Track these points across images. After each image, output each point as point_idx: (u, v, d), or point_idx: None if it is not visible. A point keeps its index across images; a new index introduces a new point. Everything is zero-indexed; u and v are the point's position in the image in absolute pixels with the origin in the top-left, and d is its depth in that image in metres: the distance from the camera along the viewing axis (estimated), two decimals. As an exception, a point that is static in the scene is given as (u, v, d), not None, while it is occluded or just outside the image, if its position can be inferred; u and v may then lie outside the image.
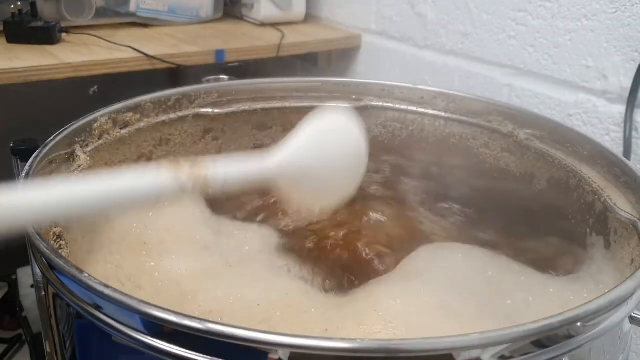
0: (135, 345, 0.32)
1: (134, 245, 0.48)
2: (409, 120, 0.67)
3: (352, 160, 0.44)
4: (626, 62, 0.65)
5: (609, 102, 0.68)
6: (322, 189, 0.43)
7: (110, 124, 0.56)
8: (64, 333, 0.38)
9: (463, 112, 0.64)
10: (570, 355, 0.32)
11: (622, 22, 0.65)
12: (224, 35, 1.01)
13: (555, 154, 0.56)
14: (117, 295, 0.31)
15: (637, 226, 0.44)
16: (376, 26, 1.02)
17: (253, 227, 0.57)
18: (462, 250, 0.52)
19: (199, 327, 0.29)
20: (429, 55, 0.92)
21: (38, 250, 0.36)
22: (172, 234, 0.50)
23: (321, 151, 0.42)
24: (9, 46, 0.86)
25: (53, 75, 0.78)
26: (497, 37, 0.80)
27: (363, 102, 0.68)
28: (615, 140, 0.67)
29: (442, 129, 0.66)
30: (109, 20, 1.02)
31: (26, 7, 0.89)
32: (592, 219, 0.51)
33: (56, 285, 0.36)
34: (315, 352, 0.29)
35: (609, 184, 0.50)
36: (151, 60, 0.85)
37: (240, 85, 0.66)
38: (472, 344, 0.30)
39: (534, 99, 0.76)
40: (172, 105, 0.62)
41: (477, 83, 0.84)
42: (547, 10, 0.73)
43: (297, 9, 1.12)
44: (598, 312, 0.32)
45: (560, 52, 0.72)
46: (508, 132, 0.60)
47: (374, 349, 0.29)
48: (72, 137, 0.51)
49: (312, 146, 0.42)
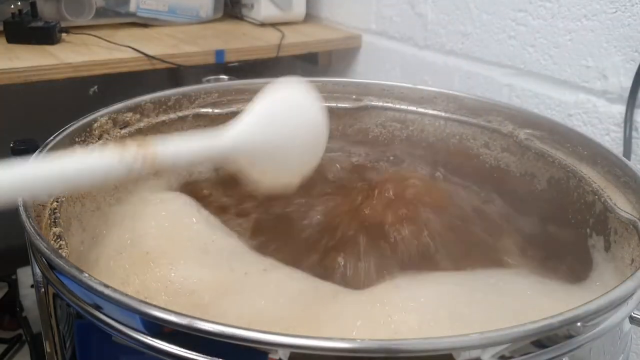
0: (135, 345, 0.32)
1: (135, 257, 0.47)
2: (409, 120, 0.67)
3: (311, 133, 0.42)
4: (626, 62, 0.65)
5: (609, 102, 0.68)
6: (282, 164, 0.41)
7: (110, 124, 0.56)
8: (64, 333, 0.38)
9: (463, 112, 0.64)
10: (570, 355, 0.32)
11: (622, 22, 0.65)
12: (224, 35, 1.01)
13: (555, 154, 0.56)
14: (117, 295, 0.31)
15: (637, 226, 0.44)
16: (376, 26, 1.02)
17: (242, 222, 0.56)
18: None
19: (199, 327, 0.29)
20: (429, 55, 0.92)
21: (38, 250, 0.36)
22: (171, 240, 0.49)
23: (277, 125, 0.40)
24: (9, 46, 0.86)
25: (53, 76, 0.78)
26: (497, 37, 0.80)
27: (363, 102, 0.68)
28: (615, 140, 0.67)
29: (442, 129, 0.66)
30: (109, 20, 1.02)
31: (26, 7, 0.89)
32: (592, 219, 0.51)
33: (56, 285, 0.36)
34: (315, 352, 0.29)
35: (609, 184, 0.50)
36: (151, 60, 0.85)
37: (240, 86, 0.66)
38: (472, 344, 0.30)
39: (534, 99, 0.76)
40: (172, 105, 0.62)
41: (477, 83, 0.84)
42: (547, 10, 0.73)
43: (297, 9, 1.12)
44: (598, 312, 0.32)
45: (560, 52, 0.72)
46: (508, 132, 0.60)
47: (374, 349, 0.29)
48: (72, 137, 0.51)
49: (266, 121, 0.40)
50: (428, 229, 0.52)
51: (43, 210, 0.45)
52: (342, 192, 0.60)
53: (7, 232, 1.25)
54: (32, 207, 0.42)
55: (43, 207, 0.45)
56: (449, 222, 0.54)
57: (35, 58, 0.80)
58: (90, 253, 0.48)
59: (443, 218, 0.54)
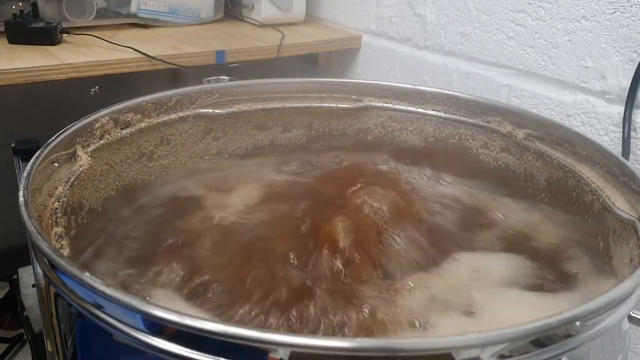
0: (136, 344, 0.32)
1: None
2: (409, 120, 0.67)
3: None
4: (625, 62, 0.65)
5: (608, 102, 0.68)
6: None
7: (112, 124, 0.56)
8: (65, 332, 0.38)
9: (462, 113, 0.65)
10: (569, 355, 0.32)
11: (621, 23, 0.65)
12: (224, 36, 1.01)
13: (554, 154, 0.56)
14: (118, 295, 0.32)
15: (636, 226, 0.44)
16: (376, 27, 1.02)
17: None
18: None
19: (200, 327, 0.30)
20: (428, 56, 0.92)
21: (39, 250, 0.36)
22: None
23: None
24: (11, 47, 0.86)
25: (54, 76, 0.78)
26: (496, 37, 0.80)
27: (363, 102, 0.68)
28: (614, 141, 0.67)
29: (442, 129, 0.66)
30: (110, 21, 1.02)
31: (27, 7, 0.90)
32: (590, 219, 0.51)
33: (57, 284, 0.36)
34: (315, 351, 0.29)
35: (607, 184, 0.51)
36: (152, 60, 0.85)
37: (241, 86, 0.66)
38: (471, 343, 0.30)
39: (533, 99, 0.76)
40: (173, 105, 0.62)
41: (476, 83, 0.84)
42: (546, 11, 0.73)
43: (297, 9, 1.12)
44: (597, 312, 0.32)
45: (559, 52, 0.72)
46: (507, 132, 0.61)
47: (374, 348, 0.29)
48: (74, 137, 0.52)
49: None
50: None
51: (44, 210, 0.45)
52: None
53: (8, 232, 1.25)
54: (34, 207, 0.42)
55: (44, 207, 0.45)
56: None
57: (36, 58, 0.80)
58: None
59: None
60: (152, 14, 1.04)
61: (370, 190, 0.54)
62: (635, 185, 0.47)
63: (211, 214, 0.57)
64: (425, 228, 0.53)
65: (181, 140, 0.63)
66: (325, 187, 0.59)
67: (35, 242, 0.36)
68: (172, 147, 0.63)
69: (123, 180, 0.58)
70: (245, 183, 0.62)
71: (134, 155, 0.59)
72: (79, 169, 0.50)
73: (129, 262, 0.49)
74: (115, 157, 0.57)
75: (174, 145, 0.63)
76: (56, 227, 0.44)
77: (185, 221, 0.55)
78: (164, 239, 0.52)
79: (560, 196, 0.56)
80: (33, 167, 0.45)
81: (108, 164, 0.56)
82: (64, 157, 0.50)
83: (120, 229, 0.54)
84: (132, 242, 0.52)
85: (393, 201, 0.54)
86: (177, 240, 0.52)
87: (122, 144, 0.57)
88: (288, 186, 0.62)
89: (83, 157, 0.51)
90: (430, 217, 0.56)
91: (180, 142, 0.63)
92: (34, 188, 0.44)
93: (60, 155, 0.50)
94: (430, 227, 0.54)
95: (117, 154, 0.57)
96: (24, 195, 0.41)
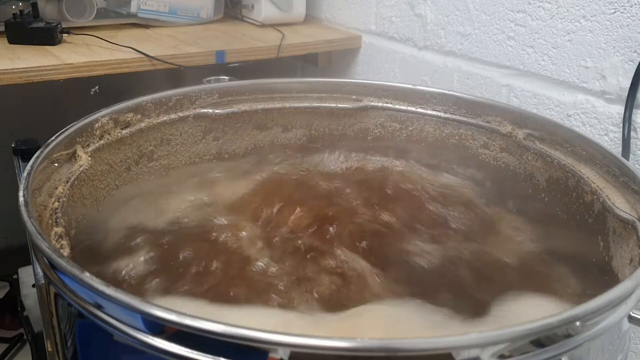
0: (137, 344, 0.32)
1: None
2: (409, 120, 0.67)
3: None
4: (625, 62, 0.65)
5: (608, 102, 0.68)
6: None
7: (112, 124, 0.56)
8: (66, 332, 0.38)
9: (462, 113, 0.65)
10: (569, 355, 0.32)
11: (621, 23, 0.65)
12: (224, 36, 1.01)
13: (554, 154, 0.56)
14: (119, 295, 0.32)
15: (636, 226, 0.44)
16: (376, 27, 1.02)
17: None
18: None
19: (200, 327, 0.30)
20: (428, 56, 0.92)
21: (39, 250, 0.36)
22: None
23: None
24: (10, 47, 0.86)
25: (54, 76, 0.78)
26: (496, 37, 0.80)
27: (363, 102, 0.68)
28: (613, 141, 0.67)
29: (442, 129, 0.66)
30: (110, 21, 1.02)
31: (27, 7, 0.90)
32: (590, 219, 0.51)
33: (57, 284, 0.36)
34: (315, 351, 0.29)
35: (607, 184, 0.51)
36: (152, 60, 0.85)
37: (241, 86, 0.66)
38: (471, 343, 0.30)
39: (533, 99, 0.76)
40: (173, 105, 0.62)
41: (476, 83, 0.84)
42: (546, 11, 0.73)
43: (297, 9, 1.12)
44: (597, 312, 0.32)
45: (559, 52, 0.72)
46: (507, 132, 0.61)
47: (374, 348, 0.29)
48: (74, 137, 0.52)
49: None
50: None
51: (44, 210, 0.45)
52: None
53: (8, 232, 1.25)
54: (34, 207, 0.42)
55: (44, 207, 0.45)
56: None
57: (36, 58, 0.80)
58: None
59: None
60: (152, 14, 1.04)
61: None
62: (635, 185, 0.47)
63: (212, 213, 0.57)
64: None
65: (181, 140, 0.64)
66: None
67: (35, 242, 0.36)
68: (172, 147, 0.63)
69: (123, 180, 0.58)
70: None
71: (134, 155, 0.59)
72: (79, 169, 0.50)
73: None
74: (115, 157, 0.57)
75: (174, 145, 0.63)
76: (56, 227, 0.44)
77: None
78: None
79: (560, 196, 0.56)
80: (33, 167, 0.45)
81: (108, 164, 0.56)
82: (64, 157, 0.50)
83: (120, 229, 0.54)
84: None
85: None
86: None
87: (122, 144, 0.57)
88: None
89: (83, 157, 0.51)
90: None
91: (180, 142, 0.63)
92: (34, 188, 0.44)
93: (60, 155, 0.50)
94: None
95: (117, 154, 0.57)
96: (24, 195, 0.41)
